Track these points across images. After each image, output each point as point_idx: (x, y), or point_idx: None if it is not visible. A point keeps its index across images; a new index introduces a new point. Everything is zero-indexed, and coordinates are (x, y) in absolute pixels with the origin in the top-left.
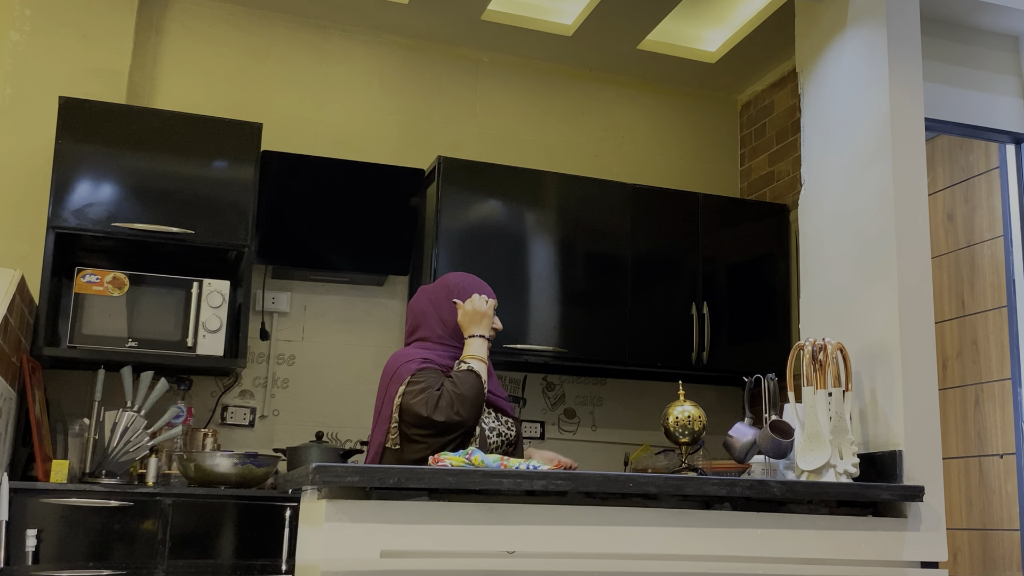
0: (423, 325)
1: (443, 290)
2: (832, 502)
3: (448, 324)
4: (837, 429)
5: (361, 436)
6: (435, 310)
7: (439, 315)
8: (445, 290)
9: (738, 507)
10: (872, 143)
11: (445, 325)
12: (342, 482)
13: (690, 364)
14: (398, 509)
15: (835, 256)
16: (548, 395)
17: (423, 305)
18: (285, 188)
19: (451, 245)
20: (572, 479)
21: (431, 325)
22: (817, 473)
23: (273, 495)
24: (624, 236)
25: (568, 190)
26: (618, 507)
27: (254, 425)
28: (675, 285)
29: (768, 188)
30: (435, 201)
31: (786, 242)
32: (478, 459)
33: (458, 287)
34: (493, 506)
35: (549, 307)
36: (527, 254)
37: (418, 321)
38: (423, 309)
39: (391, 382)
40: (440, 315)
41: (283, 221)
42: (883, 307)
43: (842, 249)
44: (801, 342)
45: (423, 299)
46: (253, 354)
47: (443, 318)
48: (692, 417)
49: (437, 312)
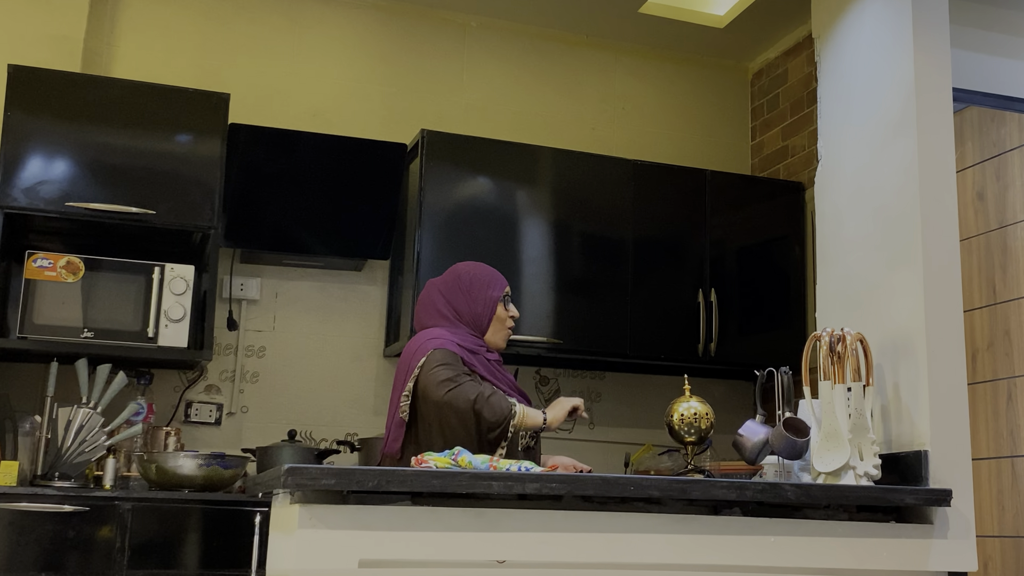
0: (434, 314)
1: (455, 280)
2: (851, 507)
3: (463, 315)
4: (857, 427)
5: (337, 435)
6: (447, 300)
7: (452, 306)
8: (456, 280)
9: (749, 513)
10: (895, 115)
11: (460, 316)
12: (317, 485)
13: (696, 356)
14: (378, 515)
15: (855, 238)
16: (542, 390)
17: (434, 296)
18: (254, 164)
19: (436, 227)
20: (568, 482)
21: (445, 315)
22: (835, 475)
23: (241, 499)
24: (625, 217)
25: (564, 166)
26: (618, 512)
27: (221, 423)
28: (680, 270)
29: (782, 164)
30: (419, 179)
31: (801, 223)
32: (465, 460)
33: (470, 277)
34: (482, 511)
35: (543, 294)
36: (519, 236)
37: (428, 312)
38: (434, 300)
39: (414, 356)
40: (454, 306)
41: (252, 200)
42: (907, 294)
43: (862, 231)
44: (818, 332)
45: (432, 291)
46: (220, 346)
47: (457, 309)
48: (699, 414)
49: (450, 302)
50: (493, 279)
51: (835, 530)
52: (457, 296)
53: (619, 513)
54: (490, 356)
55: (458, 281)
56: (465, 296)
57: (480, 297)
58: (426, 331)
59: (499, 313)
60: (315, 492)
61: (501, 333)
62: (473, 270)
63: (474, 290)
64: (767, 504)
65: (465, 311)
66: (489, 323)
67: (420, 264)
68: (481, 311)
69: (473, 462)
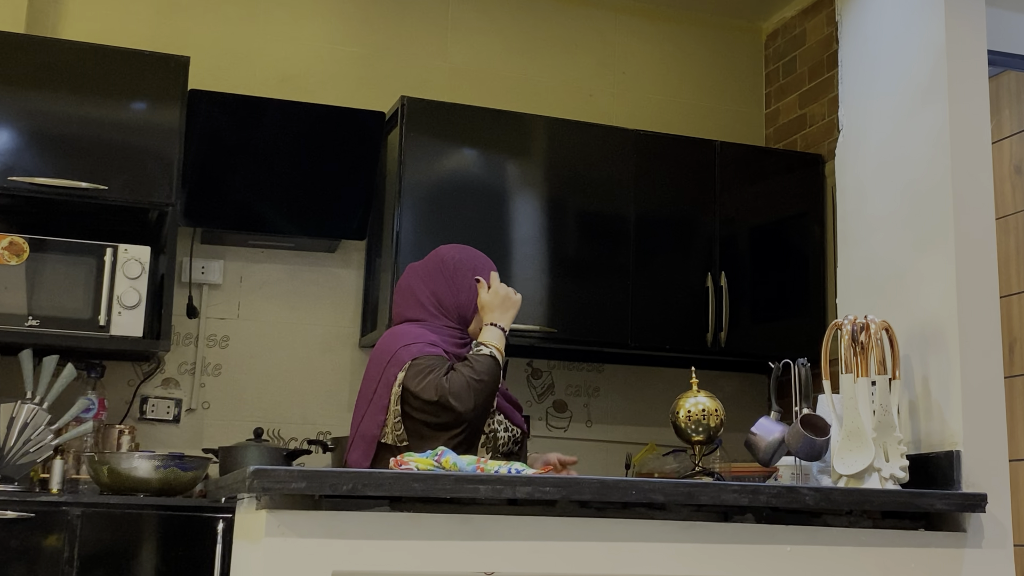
0: (414, 304)
1: (437, 265)
2: (876, 513)
3: (446, 305)
4: (882, 425)
5: (308, 433)
6: (429, 289)
7: (433, 293)
8: (439, 265)
9: (763, 519)
10: (924, 80)
11: (441, 305)
12: (286, 489)
13: (705, 347)
14: (354, 521)
15: (880, 216)
16: (534, 384)
17: (414, 283)
18: (217, 135)
19: (417, 204)
20: (563, 486)
21: (424, 304)
22: (858, 478)
23: (203, 504)
24: (626, 193)
25: (557, 137)
26: (618, 519)
27: (180, 420)
28: (687, 252)
29: (799, 135)
30: (398, 151)
31: (821, 200)
32: (449, 461)
33: (454, 262)
34: (468, 518)
35: (535, 279)
36: (508, 215)
37: (408, 302)
38: (414, 288)
39: (388, 365)
40: (436, 295)
41: (215, 175)
42: (937, 278)
43: (888, 208)
44: (839, 320)
45: (413, 277)
46: (179, 335)
47: (439, 298)
48: (707, 411)
49: (431, 290)
50: (480, 265)
51: (858, 539)
52: (439, 284)
53: (619, 520)
54: None
55: (441, 267)
56: (448, 283)
57: (465, 285)
58: (400, 330)
59: None
60: (284, 497)
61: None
62: (458, 255)
63: (458, 277)
64: (783, 510)
65: (448, 301)
66: (474, 313)
67: (400, 245)
68: (465, 301)
69: (458, 463)
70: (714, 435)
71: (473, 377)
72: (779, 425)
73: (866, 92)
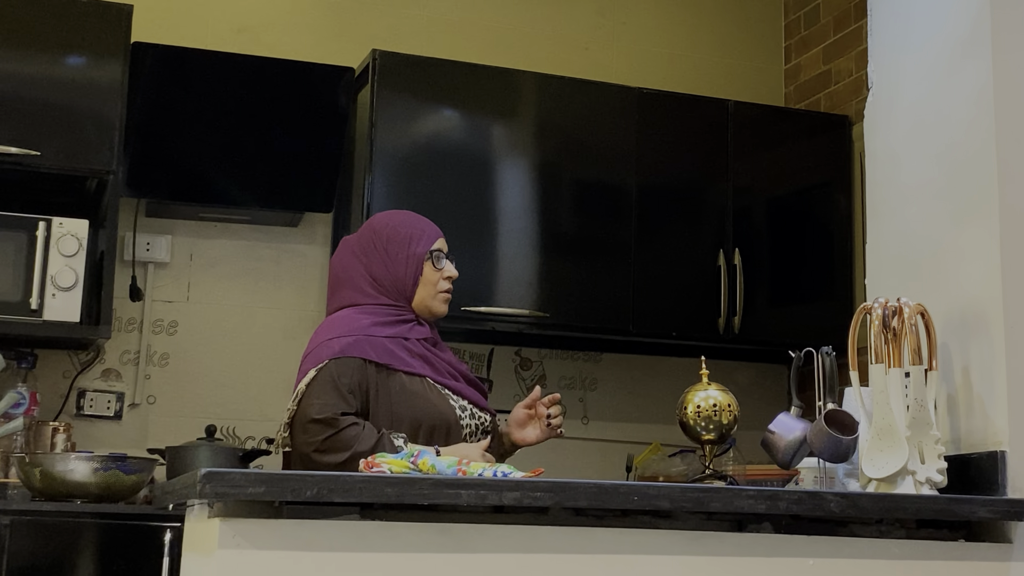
0: (347, 284)
1: (370, 237)
2: (910, 522)
3: (381, 280)
4: (917, 422)
5: (267, 431)
6: (363, 264)
7: (368, 269)
8: (372, 237)
9: (782, 529)
10: (964, 32)
11: (377, 282)
12: (242, 494)
13: (717, 333)
14: (318, 531)
15: (914, 186)
16: (522, 375)
17: (346, 260)
18: (165, 93)
19: (390, 171)
20: (556, 491)
21: (358, 283)
22: (890, 482)
23: (147, 512)
24: (627, 159)
25: (549, 96)
26: (618, 529)
27: (122, 417)
28: (696, 226)
29: (823, 94)
30: (369, 111)
31: (847, 167)
32: (427, 463)
33: (388, 231)
34: (448, 527)
35: (524, 256)
36: (494, 184)
37: (340, 281)
38: (346, 265)
39: (306, 359)
40: (370, 269)
41: (162, 138)
42: (979, 255)
43: (924, 176)
44: (868, 304)
45: (345, 253)
46: (121, 320)
47: (374, 275)
48: (719, 406)
49: (365, 266)
50: (417, 232)
51: (889, 551)
52: (374, 257)
53: (619, 530)
54: (421, 334)
55: (374, 238)
56: (382, 256)
57: (400, 256)
58: (331, 321)
59: (426, 274)
60: (239, 503)
61: (434, 298)
62: (391, 221)
63: (392, 247)
64: (804, 518)
65: (384, 276)
66: (415, 288)
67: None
68: (403, 274)
69: (437, 466)
70: (727, 434)
71: (359, 451)
72: (800, 422)
73: (899, 45)
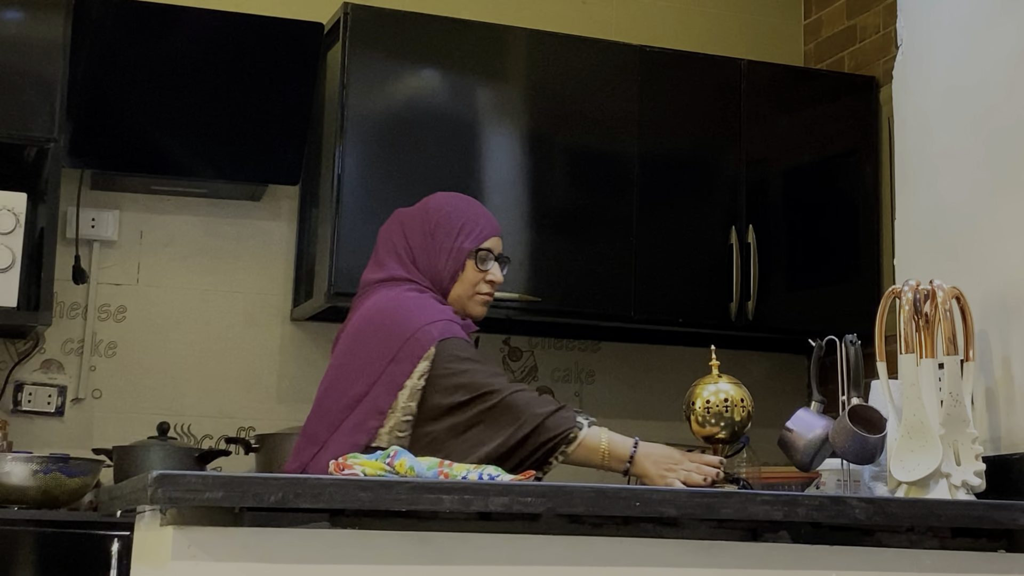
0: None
1: (420, 215)
2: (944, 530)
3: (419, 262)
4: (952, 419)
5: (227, 430)
6: (406, 238)
7: (409, 245)
8: (423, 215)
9: (801, 538)
10: None
11: (415, 262)
12: (198, 499)
13: (728, 320)
14: (284, 540)
15: (949, 155)
16: (512, 366)
17: (393, 229)
18: (112, 52)
19: (364, 139)
20: (549, 496)
21: (400, 256)
22: (922, 486)
23: (93, 520)
24: (628, 125)
25: (542, 55)
26: (618, 538)
27: (64, 413)
28: (705, 200)
29: (847, 52)
30: (340, 72)
31: (874, 134)
32: (405, 464)
33: (439, 215)
34: (428, 536)
35: (514, 233)
36: (480, 153)
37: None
38: (391, 233)
39: (404, 346)
40: (411, 246)
41: (109, 102)
42: (1021, 232)
43: (960, 144)
44: (897, 286)
45: (395, 222)
46: (63, 305)
47: (413, 252)
48: (731, 401)
49: (408, 241)
50: (470, 224)
51: (921, 562)
52: (416, 236)
53: (620, 539)
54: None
55: (424, 219)
56: (425, 239)
57: (444, 246)
58: (410, 300)
59: (467, 272)
60: (195, 510)
61: (471, 299)
62: (447, 206)
63: (439, 234)
64: (826, 526)
65: (422, 259)
66: (451, 283)
67: (341, 191)
68: (442, 265)
69: (416, 467)
70: (739, 432)
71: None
72: (822, 419)
73: None
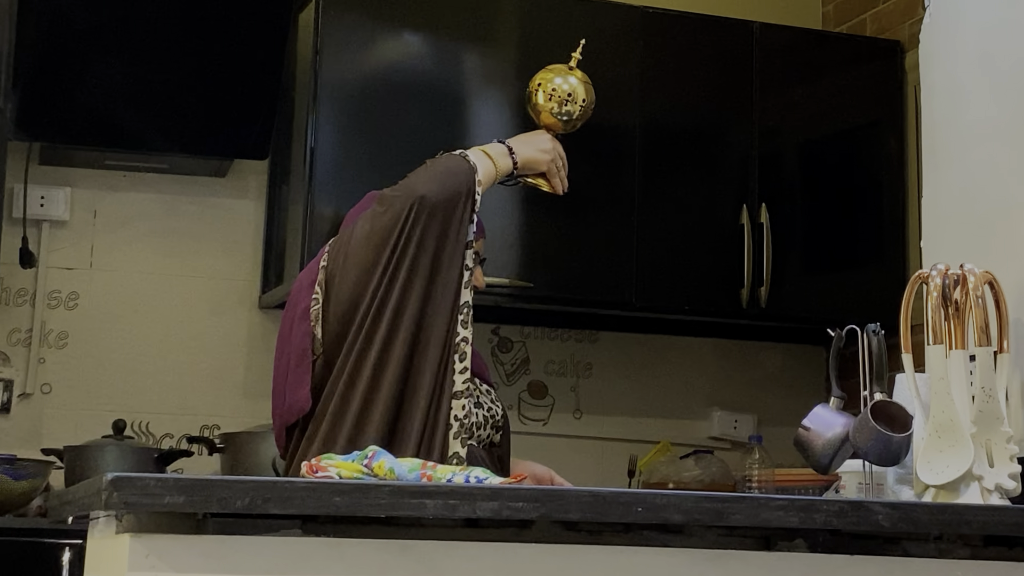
0: None
1: None
2: (976, 538)
3: None
4: (984, 416)
5: (189, 428)
6: None
7: None
8: None
9: (818, 547)
10: None
11: None
12: (158, 504)
13: (739, 307)
14: (252, 549)
15: (981, 127)
16: (502, 359)
17: None
18: (63, 15)
19: (339, 110)
20: (542, 500)
21: None
22: (951, 489)
23: (42, 527)
24: (629, 93)
25: (534, 16)
26: (618, 547)
27: (10, 410)
28: (714, 176)
29: (869, 14)
30: (313, 36)
31: (899, 104)
32: (384, 466)
33: None
34: (410, 544)
35: (503, 213)
36: (466, 124)
37: None
38: None
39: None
40: None
41: (60, 70)
42: None
43: (993, 115)
44: (924, 271)
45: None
46: (9, 292)
47: None
48: (574, 96)
49: None
50: None
51: (951, 573)
52: None
53: (620, 548)
54: None
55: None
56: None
57: None
58: None
59: None
60: (154, 516)
61: None
62: None
63: None
64: (846, 534)
65: None
66: None
67: (314, 166)
68: None
69: (396, 469)
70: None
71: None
72: (841, 416)
73: None
